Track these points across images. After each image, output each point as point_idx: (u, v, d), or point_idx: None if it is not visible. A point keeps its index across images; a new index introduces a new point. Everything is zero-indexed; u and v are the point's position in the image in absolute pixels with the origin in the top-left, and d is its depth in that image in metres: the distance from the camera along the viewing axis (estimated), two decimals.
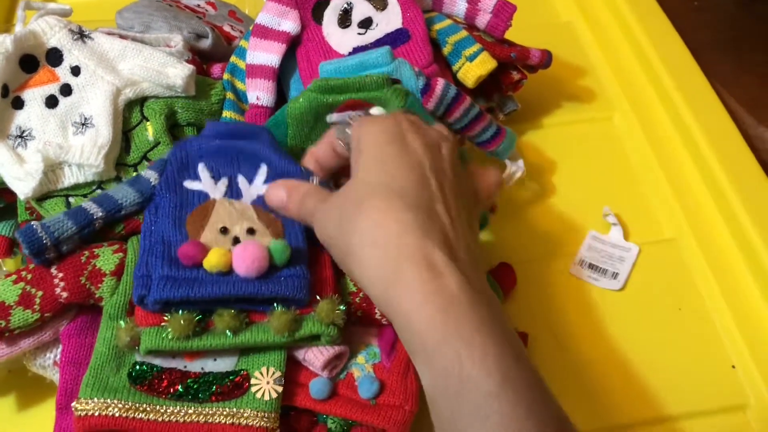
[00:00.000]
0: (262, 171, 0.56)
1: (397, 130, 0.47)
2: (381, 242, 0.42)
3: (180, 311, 0.49)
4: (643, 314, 0.62)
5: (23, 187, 0.56)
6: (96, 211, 0.52)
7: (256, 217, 0.53)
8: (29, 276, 0.51)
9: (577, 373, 0.58)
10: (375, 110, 0.56)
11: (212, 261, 0.49)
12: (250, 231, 0.52)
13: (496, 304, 0.42)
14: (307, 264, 0.52)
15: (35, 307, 0.50)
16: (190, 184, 0.55)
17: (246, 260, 0.49)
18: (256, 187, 0.55)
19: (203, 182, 0.55)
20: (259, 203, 0.54)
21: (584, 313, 0.62)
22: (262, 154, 0.56)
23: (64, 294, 0.51)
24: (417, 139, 0.47)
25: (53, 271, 0.51)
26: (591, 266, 0.65)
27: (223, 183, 0.55)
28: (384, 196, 0.44)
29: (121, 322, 0.50)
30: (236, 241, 0.52)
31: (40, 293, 0.51)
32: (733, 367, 0.59)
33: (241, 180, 0.56)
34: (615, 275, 0.64)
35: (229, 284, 0.49)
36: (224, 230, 0.52)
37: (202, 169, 0.55)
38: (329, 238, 0.47)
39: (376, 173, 0.45)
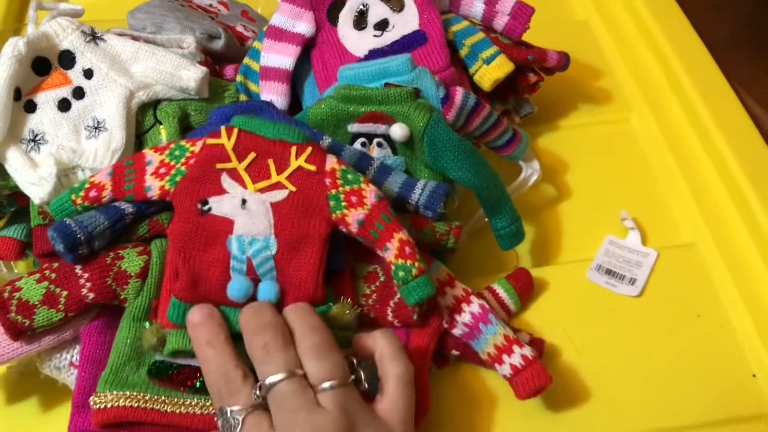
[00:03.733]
0: None
1: None
2: None
3: None
4: (662, 321, 0.61)
5: (39, 191, 0.55)
6: (126, 206, 0.53)
7: None
8: (53, 275, 0.51)
9: (594, 380, 0.57)
10: (397, 127, 0.56)
11: None
12: None
13: None
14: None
15: (60, 306, 0.51)
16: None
17: None
18: None
19: None
20: None
21: (601, 320, 0.61)
22: None
23: (91, 295, 0.51)
24: None
25: (78, 271, 0.51)
26: (608, 272, 0.64)
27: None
28: None
29: (147, 324, 0.51)
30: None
31: (65, 293, 0.51)
32: (754, 375, 0.58)
33: None
34: (633, 281, 0.63)
35: None
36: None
37: None
38: None
39: None
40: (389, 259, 0.51)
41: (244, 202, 0.52)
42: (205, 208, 0.51)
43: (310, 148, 0.53)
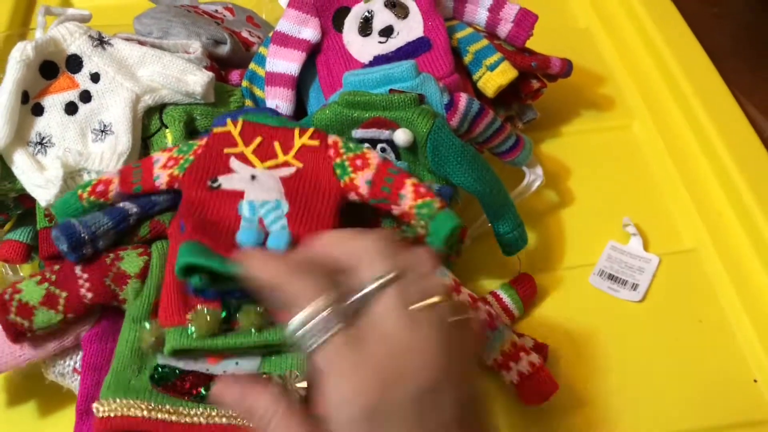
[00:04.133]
0: None
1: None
2: None
3: (204, 309, 0.49)
4: (664, 326, 0.62)
5: (45, 194, 0.56)
6: (130, 207, 0.53)
7: None
8: (53, 277, 0.52)
9: (597, 385, 0.58)
10: (401, 132, 0.56)
11: None
12: None
13: None
14: None
15: (59, 307, 0.51)
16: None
17: None
18: None
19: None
20: None
21: (604, 325, 0.62)
22: None
23: (89, 295, 0.51)
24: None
25: (78, 272, 0.51)
26: (611, 277, 0.64)
27: None
28: None
29: (146, 324, 0.50)
30: None
31: (64, 294, 0.51)
32: (755, 381, 0.59)
33: None
34: (635, 286, 0.63)
35: None
36: None
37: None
38: None
39: None
40: (408, 204, 0.51)
41: (253, 177, 0.53)
42: (215, 184, 0.52)
43: (311, 129, 0.55)
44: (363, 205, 0.54)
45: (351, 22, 0.65)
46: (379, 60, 0.63)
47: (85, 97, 0.59)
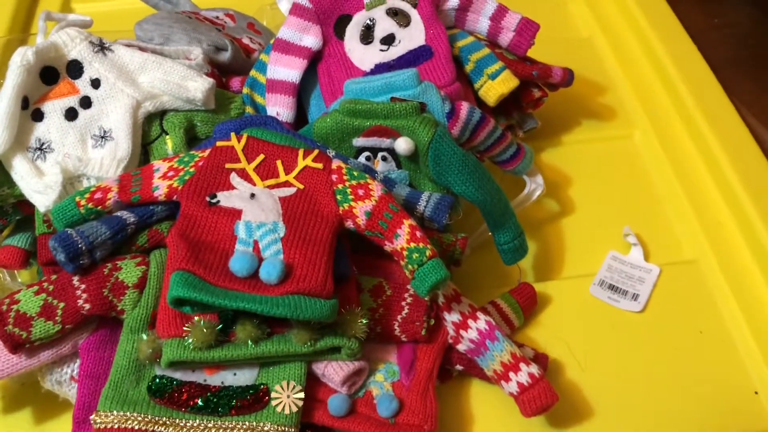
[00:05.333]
0: None
1: None
2: None
3: (202, 321, 0.49)
4: (664, 337, 0.61)
5: (44, 200, 0.55)
6: (128, 216, 0.53)
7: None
8: (51, 287, 0.51)
9: (597, 395, 0.58)
10: (402, 141, 0.56)
11: None
12: None
13: None
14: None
15: (57, 318, 0.51)
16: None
17: None
18: None
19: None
20: None
21: (604, 335, 0.61)
22: None
23: (87, 306, 0.51)
24: None
25: (75, 282, 0.51)
26: (611, 287, 0.64)
27: None
28: None
29: (143, 335, 0.50)
30: None
31: (62, 305, 0.51)
32: (756, 392, 0.58)
33: None
34: (635, 297, 0.63)
35: None
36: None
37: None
38: None
39: None
40: (401, 245, 0.51)
41: (252, 195, 0.52)
42: (214, 200, 0.52)
43: (316, 151, 0.55)
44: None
45: (352, 30, 0.65)
46: (380, 68, 0.63)
47: (86, 102, 0.59)
